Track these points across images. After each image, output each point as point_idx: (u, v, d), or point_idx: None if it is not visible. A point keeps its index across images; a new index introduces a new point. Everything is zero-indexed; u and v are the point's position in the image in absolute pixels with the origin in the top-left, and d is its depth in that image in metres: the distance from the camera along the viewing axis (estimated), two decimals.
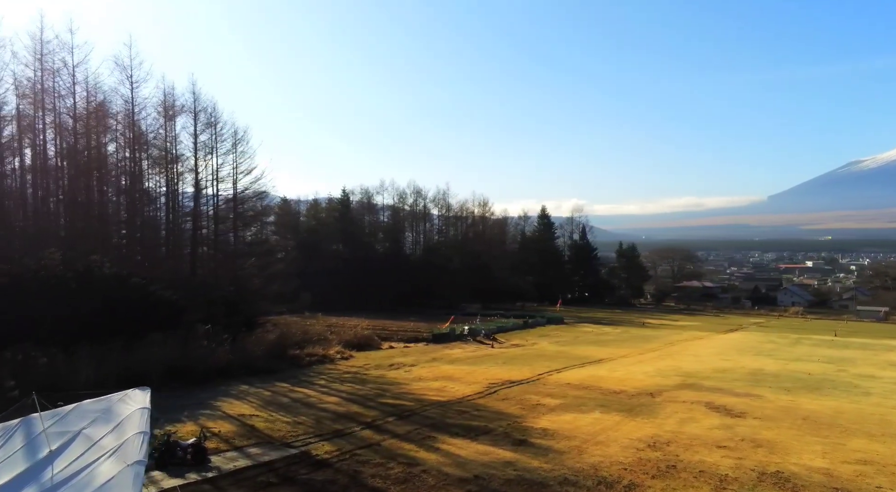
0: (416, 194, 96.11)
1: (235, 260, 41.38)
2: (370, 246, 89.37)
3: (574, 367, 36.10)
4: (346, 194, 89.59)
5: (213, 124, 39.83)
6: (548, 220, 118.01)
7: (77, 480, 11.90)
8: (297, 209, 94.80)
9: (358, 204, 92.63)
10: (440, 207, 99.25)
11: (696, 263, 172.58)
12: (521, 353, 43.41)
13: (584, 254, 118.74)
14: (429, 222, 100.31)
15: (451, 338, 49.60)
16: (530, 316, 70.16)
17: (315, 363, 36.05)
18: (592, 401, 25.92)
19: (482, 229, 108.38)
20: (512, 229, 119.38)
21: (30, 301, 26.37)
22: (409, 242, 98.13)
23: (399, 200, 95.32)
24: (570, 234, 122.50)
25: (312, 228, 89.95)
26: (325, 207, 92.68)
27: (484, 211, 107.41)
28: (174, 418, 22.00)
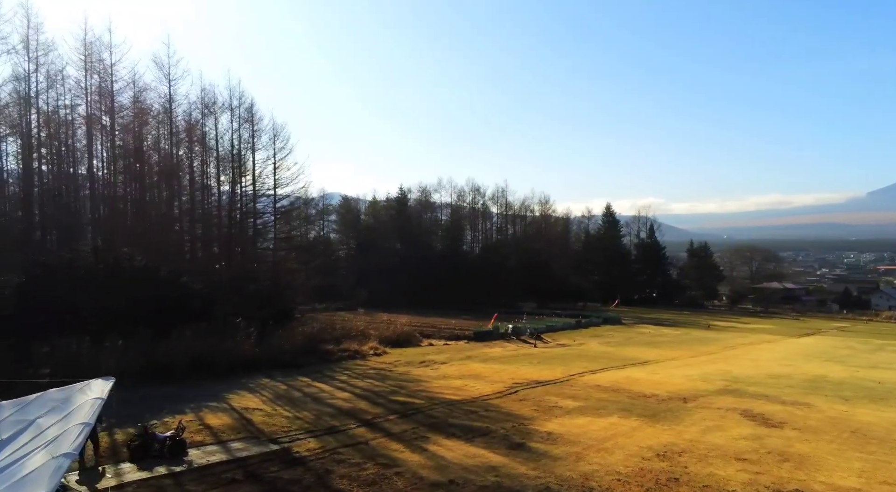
0: (474, 192, 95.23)
1: (274, 255, 41.71)
2: (427, 244, 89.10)
3: (612, 368, 34.11)
4: (402, 193, 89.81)
5: (249, 120, 40.47)
6: (613, 218, 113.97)
7: (9, 470, 11.77)
8: (357, 207, 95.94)
9: (416, 202, 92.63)
10: (499, 205, 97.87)
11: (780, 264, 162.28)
12: (562, 353, 41.62)
13: (652, 253, 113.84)
14: (487, 220, 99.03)
15: (494, 336, 48.34)
16: (584, 316, 67.65)
17: (346, 359, 35.81)
18: (615, 404, 24.16)
19: (543, 227, 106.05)
20: (575, 228, 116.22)
21: (62, 292, 27.34)
22: (468, 240, 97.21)
23: (457, 197, 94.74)
24: (638, 232, 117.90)
25: (371, 226, 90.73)
26: (383, 205, 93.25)
27: (545, 209, 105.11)
28: (178, 410, 22.14)
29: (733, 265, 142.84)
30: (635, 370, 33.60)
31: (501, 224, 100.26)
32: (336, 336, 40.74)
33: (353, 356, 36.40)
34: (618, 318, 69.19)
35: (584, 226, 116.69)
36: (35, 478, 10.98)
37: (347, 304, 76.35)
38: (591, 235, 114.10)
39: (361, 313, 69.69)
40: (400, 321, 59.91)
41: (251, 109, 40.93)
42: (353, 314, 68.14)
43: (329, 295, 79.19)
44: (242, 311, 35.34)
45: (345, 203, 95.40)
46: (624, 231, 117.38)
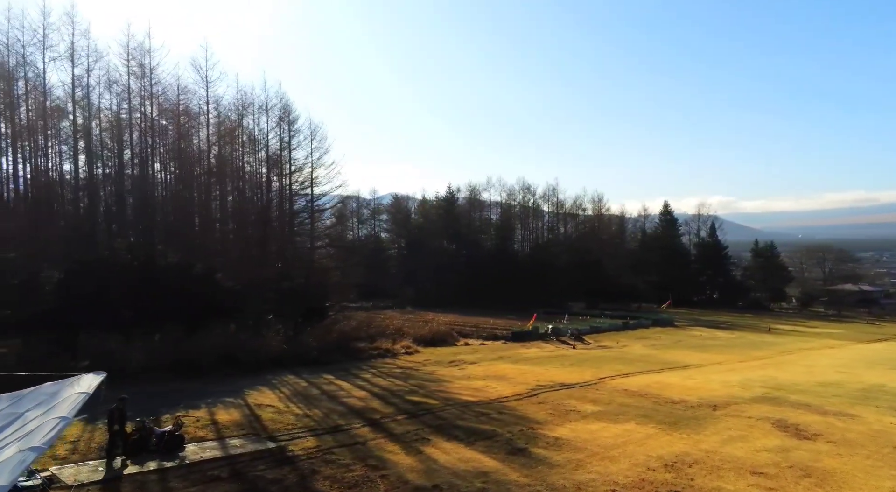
0: (524, 190, 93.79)
1: (310, 253, 42.22)
2: (476, 243, 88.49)
3: (647, 372, 32.67)
4: (451, 192, 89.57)
5: (286, 120, 41.12)
6: (671, 216, 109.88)
7: None
8: (408, 206, 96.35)
9: (465, 201, 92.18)
10: (550, 204, 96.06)
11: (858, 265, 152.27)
12: (600, 355, 40.27)
13: (713, 253, 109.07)
14: (538, 219, 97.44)
15: (533, 337, 47.36)
16: (633, 317, 65.46)
17: (376, 357, 35.81)
18: (637, 410, 23.02)
19: (597, 226, 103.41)
20: (631, 227, 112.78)
21: (98, 288, 28.42)
22: (518, 239, 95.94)
23: (507, 196, 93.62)
24: (698, 231, 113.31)
25: (420, 225, 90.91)
26: (432, 204, 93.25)
27: (598, 208, 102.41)
28: (193, 405, 22.57)
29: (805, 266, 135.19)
30: (671, 375, 32.06)
31: (552, 223, 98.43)
32: (371, 334, 40.91)
33: (383, 355, 36.37)
34: (670, 319, 66.65)
35: (640, 225, 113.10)
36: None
37: (395, 302, 76.77)
38: (648, 235, 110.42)
39: (408, 312, 69.91)
40: (442, 320, 59.77)
41: (288, 110, 41.69)
42: (400, 313, 68.45)
43: (378, 293, 79.93)
44: (275, 308, 35.91)
45: (395, 202, 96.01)
46: (683, 230, 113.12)
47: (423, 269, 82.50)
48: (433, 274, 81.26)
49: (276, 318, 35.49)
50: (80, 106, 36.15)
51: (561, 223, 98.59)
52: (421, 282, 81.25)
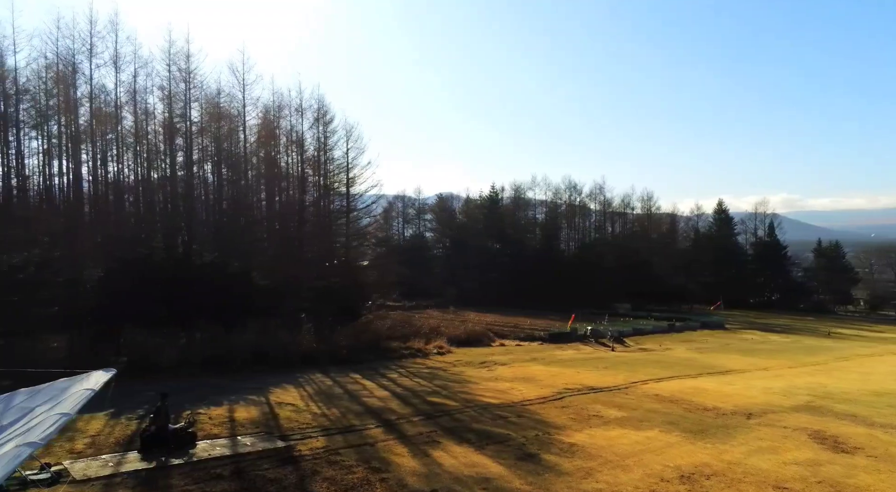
0: (570, 189, 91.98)
1: (346, 253, 42.54)
2: (521, 243, 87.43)
3: (684, 377, 31.41)
4: (494, 191, 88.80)
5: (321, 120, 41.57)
6: (726, 215, 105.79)
7: None
8: (452, 206, 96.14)
9: (509, 200, 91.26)
10: (597, 203, 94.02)
11: None
12: (638, 358, 39.03)
13: (771, 253, 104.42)
14: (585, 218, 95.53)
15: (572, 338, 46.38)
16: (681, 319, 63.35)
17: (407, 357, 35.75)
18: (663, 416, 22.06)
19: (647, 225, 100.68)
20: (683, 226, 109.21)
21: (136, 285, 29.38)
22: (564, 238, 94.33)
23: (553, 195, 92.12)
24: (755, 230, 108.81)
25: (463, 224, 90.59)
26: (476, 203, 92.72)
27: (648, 206, 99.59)
28: (217, 401, 22.95)
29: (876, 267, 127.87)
30: (709, 380, 30.70)
31: (600, 222, 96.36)
32: (405, 334, 40.88)
33: (414, 355, 36.28)
34: (720, 322, 64.18)
35: (692, 224, 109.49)
36: None
37: (438, 302, 76.66)
38: (701, 234, 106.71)
39: (450, 312, 69.71)
40: (481, 320, 59.38)
41: (324, 110, 42.14)
42: (440, 312, 68.35)
43: (421, 293, 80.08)
44: (309, 307, 36.32)
45: (440, 202, 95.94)
46: (739, 229, 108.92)
47: (466, 268, 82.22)
48: (476, 274, 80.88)
49: (310, 316, 35.85)
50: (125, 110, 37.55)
51: (608, 222, 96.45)
52: (464, 281, 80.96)
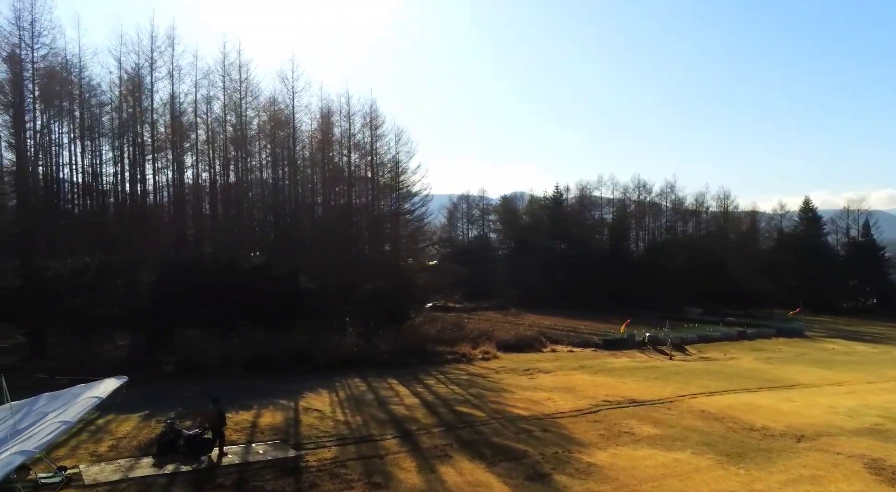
0: (640, 188, 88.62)
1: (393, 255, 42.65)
2: (586, 243, 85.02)
3: (741, 391, 29.31)
4: (558, 191, 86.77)
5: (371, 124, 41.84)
6: (813, 213, 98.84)
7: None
8: (515, 207, 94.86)
9: (574, 200, 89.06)
10: (667, 202, 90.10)
11: None
12: (696, 368, 36.87)
13: (866, 253, 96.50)
14: (655, 218, 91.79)
15: (627, 344, 44.39)
16: (754, 324, 59.63)
17: (451, 362, 35.33)
18: (701, 436, 20.54)
19: (723, 225, 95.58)
20: (765, 225, 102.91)
21: (185, 289, 30.49)
22: (632, 238, 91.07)
23: (621, 194, 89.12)
24: (847, 230, 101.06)
25: (527, 225, 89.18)
26: (540, 203, 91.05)
27: (724, 205, 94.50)
28: (247, 405, 23.42)
29: None
30: (768, 395, 28.48)
31: (671, 222, 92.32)
32: (453, 337, 40.49)
33: (458, 360, 35.82)
34: (800, 329, 59.87)
35: (775, 223, 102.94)
36: None
37: (500, 303, 75.81)
38: (785, 234, 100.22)
39: (510, 314, 68.79)
40: (539, 323, 58.16)
41: (374, 115, 42.44)
42: (500, 314, 67.53)
43: (483, 294, 79.44)
44: (354, 310, 36.61)
45: (504, 202, 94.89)
46: (829, 228, 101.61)
47: (529, 270, 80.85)
48: (539, 275, 79.37)
49: (355, 319, 36.13)
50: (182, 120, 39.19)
51: (681, 222, 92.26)
52: (527, 283, 79.62)
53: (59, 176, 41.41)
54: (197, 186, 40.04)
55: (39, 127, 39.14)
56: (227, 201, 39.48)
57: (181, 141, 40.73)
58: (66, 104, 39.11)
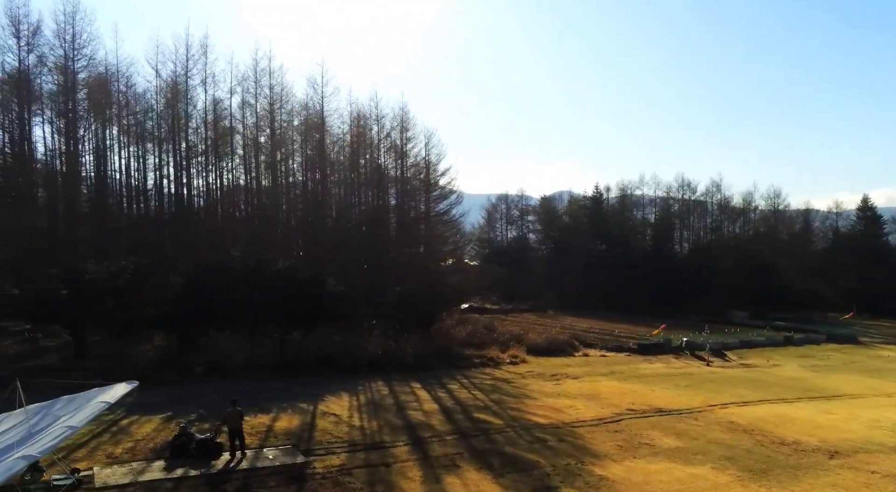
0: (684, 187, 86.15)
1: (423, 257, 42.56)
2: (627, 244, 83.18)
3: (777, 401, 28.03)
4: (598, 191, 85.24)
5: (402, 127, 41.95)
6: (872, 212, 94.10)
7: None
8: (554, 207, 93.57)
9: (615, 200, 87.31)
10: (713, 201, 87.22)
11: None
12: (734, 375, 35.50)
13: None
14: (701, 218, 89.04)
15: (663, 349, 43.13)
16: (802, 329, 57.14)
17: (478, 365, 35.02)
18: (725, 450, 19.66)
19: (773, 224, 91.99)
20: (819, 225, 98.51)
21: (213, 292, 31.11)
22: (677, 239, 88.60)
23: (664, 193, 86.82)
24: None
25: (566, 225, 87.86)
26: (580, 204, 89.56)
27: (774, 204, 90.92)
28: (266, 408, 23.66)
29: None
30: (806, 406, 27.13)
31: (717, 222, 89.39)
32: (483, 341, 40.17)
33: (485, 363, 35.45)
34: (853, 334, 57.04)
35: (830, 223, 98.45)
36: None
37: (537, 305, 74.88)
38: (841, 234, 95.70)
39: (547, 316, 67.93)
40: (577, 326, 57.23)
41: (405, 118, 42.53)
42: (537, 316, 66.72)
43: (521, 296, 78.66)
44: (381, 313, 36.68)
45: (543, 202, 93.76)
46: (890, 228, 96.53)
47: (568, 271, 79.65)
48: (578, 276, 78.13)
49: (382, 322, 36.21)
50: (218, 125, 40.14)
51: (727, 222, 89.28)
52: (565, 285, 78.46)
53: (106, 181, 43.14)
54: (230, 189, 40.93)
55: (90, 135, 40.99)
56: (260, 205, 40.18)
57: (215, 146, 41.68)
58: (107, 112, 40.57)
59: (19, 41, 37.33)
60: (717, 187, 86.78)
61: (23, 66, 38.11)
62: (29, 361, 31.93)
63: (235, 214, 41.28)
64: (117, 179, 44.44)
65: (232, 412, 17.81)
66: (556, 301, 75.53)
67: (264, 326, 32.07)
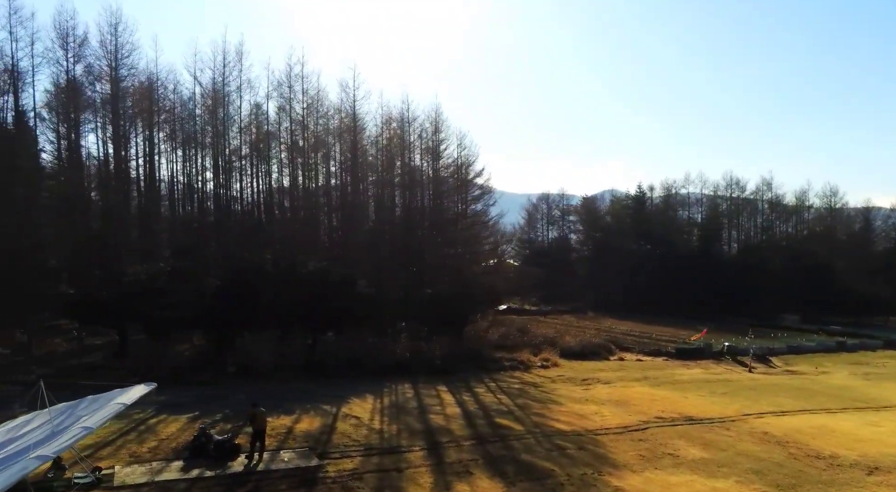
0: (732, 186, 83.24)
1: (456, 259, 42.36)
2: (671, 245, 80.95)
3: (821, 411, 26.73)
4: (641, 190, 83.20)
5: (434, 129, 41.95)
6: None
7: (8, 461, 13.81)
8: (596, 207, 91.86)
9: (659, 199, 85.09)
10: (763, 200, 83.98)
11: None
12: (776, 382, 34.06)
13: None
14: (751, 217, 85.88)
15: (703, 354, 41.76)
16: (858, 335, 54.46)
17: (507, 369, 34.66)
18: (753, 463, 18.80)
19: (830, 224, 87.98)
20: (881, 224, 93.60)
21: (246, 294, 31.77)
22: (725, 239, 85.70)
23: (711, 191, 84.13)
24: None
25: (608, 225, 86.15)
26: (622, 203, 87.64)
27: (831, 202, 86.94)
28: (290, 409, 23.94)
29: None
30: (850, 417, 25.75)
31: (768, 221, 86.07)
32: (515, 343, 39.76)
33: (515, 367, 35.06)
34: None
35: (893, 222, 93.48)
36: (4, 472, 12.82)
37: (577, 306, 73.79)
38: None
39: (586, 318, 66.87)
40: (617, 328, 56.17)
41: (438, 119, 42.54)
42: (577, 318, 65.73)
43: (561, 297, 77.63)
44: (411, 314, 36.73)
45: (584, 202, 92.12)
46: None
47: (609, 272, 78.11)
48: (620, 277, 76.56)
49: (412, 324, 36.26)
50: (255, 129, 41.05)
51: (779, 221, 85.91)
52: (606, 286, 77.05)
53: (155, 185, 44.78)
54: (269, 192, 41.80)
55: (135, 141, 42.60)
56: (296, 207, 40.90)
57: (257, 149, 42.62)
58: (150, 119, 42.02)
59: (67, 53, 39.07)
60: (767, 185, 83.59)
61: (71, 77, 39.83)
62: (74, 360, 33.34)
63: (274, 215, 42.09)
64: (162, 183, 46.04)
65: (258, 413, 18.05)
66: (597, 303, 74.24)
67: (295, 328, 32.51)
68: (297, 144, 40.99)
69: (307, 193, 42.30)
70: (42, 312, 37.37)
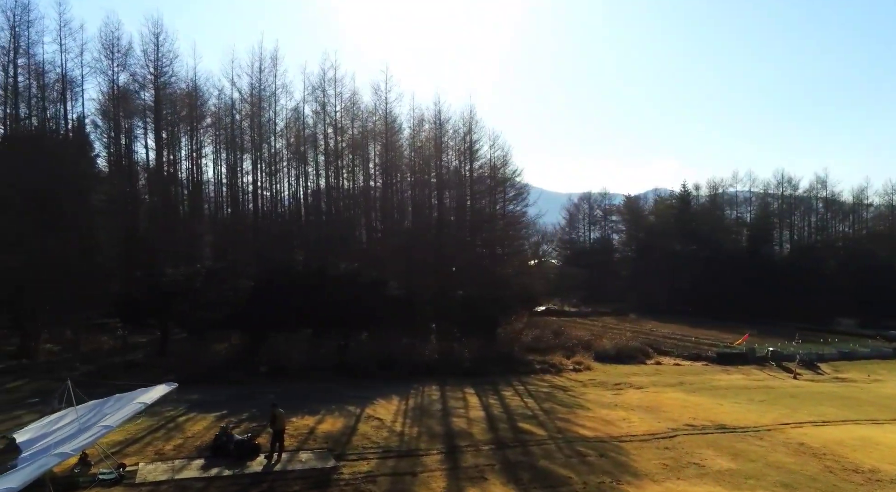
0: (784, 184, 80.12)
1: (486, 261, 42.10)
2: (717, 245, 78.44)
3: (865, 422, 25.46)
4: (686, 190, 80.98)
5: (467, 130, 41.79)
6: None
7: (31, 459, 14.37)
8: (640, 207, 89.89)
9: (706, 199, 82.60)
10: (817, 198, 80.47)
11: None
12: (821, 390, 32.57)
13: None
14: (801, 217, 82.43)
15: (746, 360, 40.29)
16: None
17: (538, 372, 34.28)
18: (783, 475, 17.98)
19: (892, 222, 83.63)
20: None
21: (278, 295, 32.36)
22: (776, 239, 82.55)
23: (761, 190, 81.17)
24: None
25: (651, 226, 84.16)
26: (667, 203, 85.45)
27: (892, 200, 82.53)
28: (315, 410, 24.22)
29: None
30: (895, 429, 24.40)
31: (822, 221, 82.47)
32: (549, 346, 39.29)
33: (546, 370, 34.64)
34: None
35: None
36: (19, 471, 13.35)
37: (619, 308, 72.34)
38: None
39: (628, 320, 65.49)
40: (658, 331, 54.95)
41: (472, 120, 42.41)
42: (618, 320, 64.46)
43: (602, 299, 76.27)
44: (442, 316, 36.70)
45: (627, 202, 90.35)
46: None
47: (652, 273, 76.32)
48: (664, 279, 74.69)
49: (443, 326, 36.22)
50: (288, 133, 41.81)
51: (835, 220, 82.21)
52: (649, 287, 75.26)
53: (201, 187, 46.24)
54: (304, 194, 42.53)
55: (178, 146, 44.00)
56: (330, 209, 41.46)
57: (290, 153, 43.40)
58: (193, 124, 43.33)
59: (113, 63, 40.67)
60: (822, 183, 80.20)
61: (117, 85, 41.44)
62: (117, 357, 34.58)
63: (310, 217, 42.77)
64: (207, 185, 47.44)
65: (278, 414, 18.35)
66: (639, 304, 72.61)
67: (327, 329, 32.92)
68: (332, 146, 41.54)
69: (344, 195, 42.79)
70: (90, 310, 39.00)
